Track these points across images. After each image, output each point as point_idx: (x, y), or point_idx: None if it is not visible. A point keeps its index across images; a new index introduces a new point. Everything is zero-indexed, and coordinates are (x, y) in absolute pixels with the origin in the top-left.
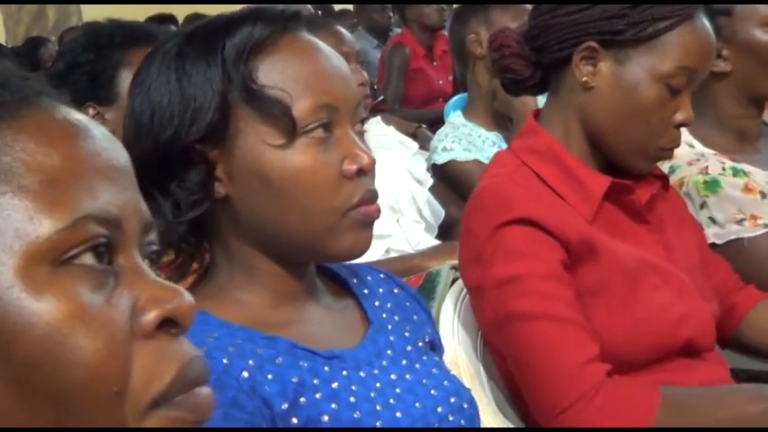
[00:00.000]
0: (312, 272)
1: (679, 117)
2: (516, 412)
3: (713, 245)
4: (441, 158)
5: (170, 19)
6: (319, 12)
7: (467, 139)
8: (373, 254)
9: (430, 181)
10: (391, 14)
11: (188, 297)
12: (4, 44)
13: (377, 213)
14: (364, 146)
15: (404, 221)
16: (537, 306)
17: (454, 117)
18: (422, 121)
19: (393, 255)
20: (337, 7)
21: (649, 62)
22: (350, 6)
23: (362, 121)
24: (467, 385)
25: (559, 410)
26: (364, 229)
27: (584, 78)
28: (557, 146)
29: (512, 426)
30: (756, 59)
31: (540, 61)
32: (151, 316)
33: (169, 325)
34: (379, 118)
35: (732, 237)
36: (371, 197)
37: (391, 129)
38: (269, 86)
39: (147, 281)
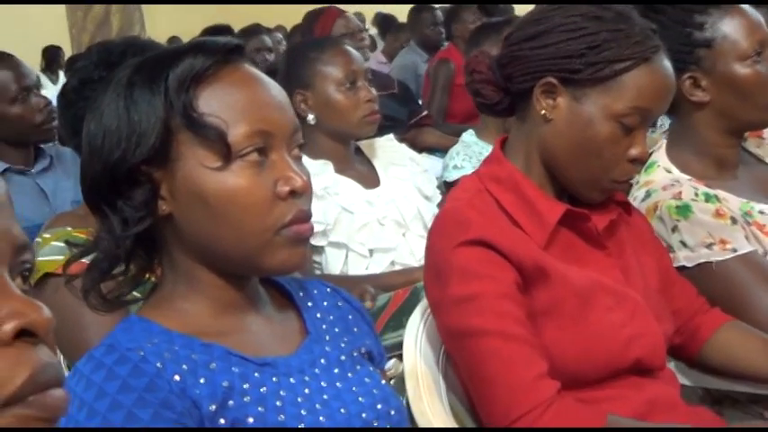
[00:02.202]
0: (254, 284)
1: (633, 152)
2: (476, 424)
3: (683, 267)
4: (451, 176)
5: (226, 30)
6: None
7: (477, 158)
8: (378, 266)
9: (438, 197)
10: (442, 30)
11: (46, 312)
12: (70, 51)
13: (309, 232)
14: (300, 169)
15: (409, 236)
16: (491, 323)
17: (467, 136)
18: None
19: (397, 267)
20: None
21: (604, 101)
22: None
23: (300, 147)
24: (424, 395)
25: (510, 420)
26: (297, 246)
27: (543, 111)
28: (517, 174)
29: None
30: (734, 92)
31: (509, 88)
32: (9, 327)
33: (27, 335)
34: (391, 135)
35: (701, 260)
36: (304, 216)
37: (402, 146)
38: (207, 114)
39: (11, 296)
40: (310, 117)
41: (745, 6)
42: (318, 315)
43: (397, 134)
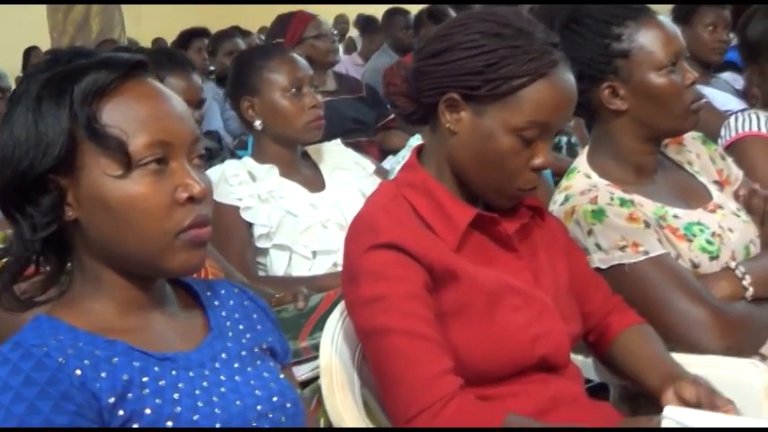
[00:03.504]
0: (160, 284)
1: (536, 162)
2: (389, 420)
3: (598, 269)
4: None
5: (202, 33)
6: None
7: None
8: (321, 268)
9: None
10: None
11: None
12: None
13: (207, 235)
14: (200, 177)
15: None
16: (397, 322)
17: (413, 140)
18: None
19: (340, 269)
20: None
21: (503, 116)
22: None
23: (201, 156)
24: (337, 392)
25: (409, 417)
26: (195, 249)
27: (448, 125)
28: (430, 181)
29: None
30: (650, 100)
31: (420, 100)
32: None
33: None
34: (338, 140)
35: (615, 262)
36: (202, 221)
37: (349, 150)
38: (109, 125)
39: None
40: (257, 123)
41: (662, 18)
42: (223, 313)
43: (365, 137)
